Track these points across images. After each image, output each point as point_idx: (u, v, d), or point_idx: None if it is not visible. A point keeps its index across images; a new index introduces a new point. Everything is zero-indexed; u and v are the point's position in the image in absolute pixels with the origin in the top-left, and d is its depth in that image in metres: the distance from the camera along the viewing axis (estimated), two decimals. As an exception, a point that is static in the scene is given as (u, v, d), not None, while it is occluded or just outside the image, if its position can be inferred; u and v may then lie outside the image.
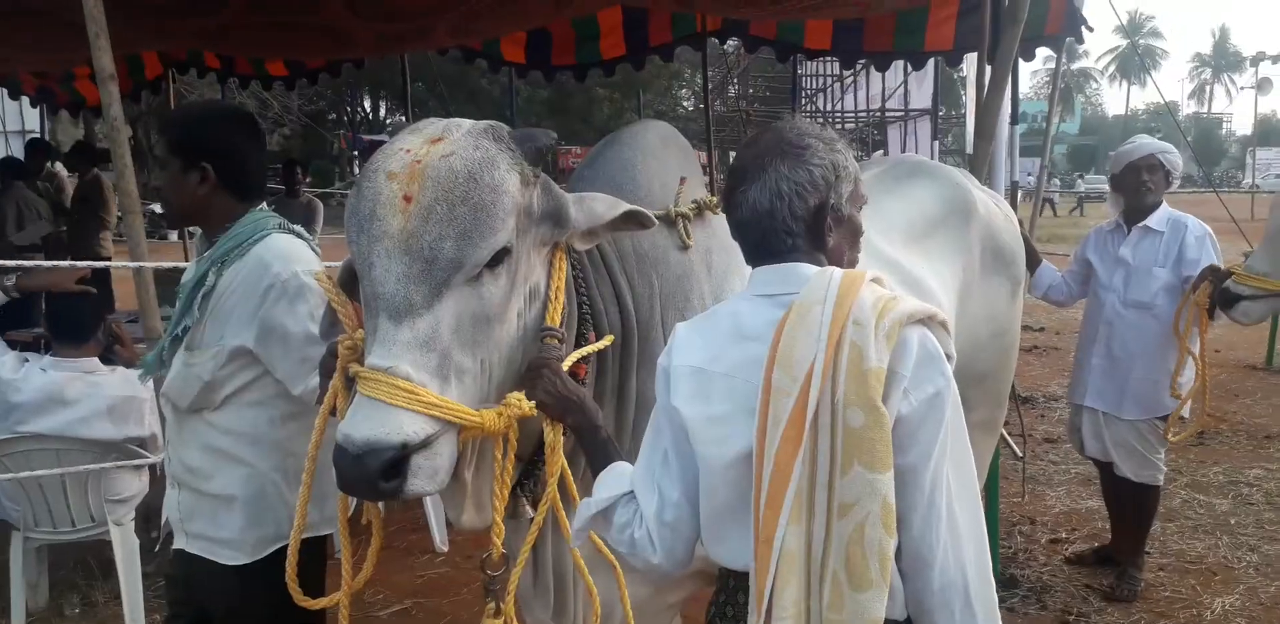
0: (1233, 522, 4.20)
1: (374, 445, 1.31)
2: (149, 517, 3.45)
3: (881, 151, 16.40)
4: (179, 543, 1.94)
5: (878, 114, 17.31)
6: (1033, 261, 3.64)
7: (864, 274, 1.28)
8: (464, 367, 1.43)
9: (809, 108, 20.72)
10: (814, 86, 20.50)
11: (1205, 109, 74.17)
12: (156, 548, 3.27)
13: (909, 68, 13.25)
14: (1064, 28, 5.49)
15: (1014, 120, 6.35)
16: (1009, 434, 5.14)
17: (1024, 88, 6.67)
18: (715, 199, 1.90)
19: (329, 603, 1.66)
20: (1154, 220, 3.36)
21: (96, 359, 3.14)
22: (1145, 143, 3.45)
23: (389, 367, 1.35)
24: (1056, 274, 3.64)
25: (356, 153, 18.84)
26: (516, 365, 1.54)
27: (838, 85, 18.55)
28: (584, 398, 1.49)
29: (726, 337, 1.31)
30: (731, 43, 6.43)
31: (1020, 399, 6.24)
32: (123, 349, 3.09)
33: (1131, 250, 3.39)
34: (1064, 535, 4.08)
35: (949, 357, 1.26)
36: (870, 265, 2.14)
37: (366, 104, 31.00)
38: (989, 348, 2.50)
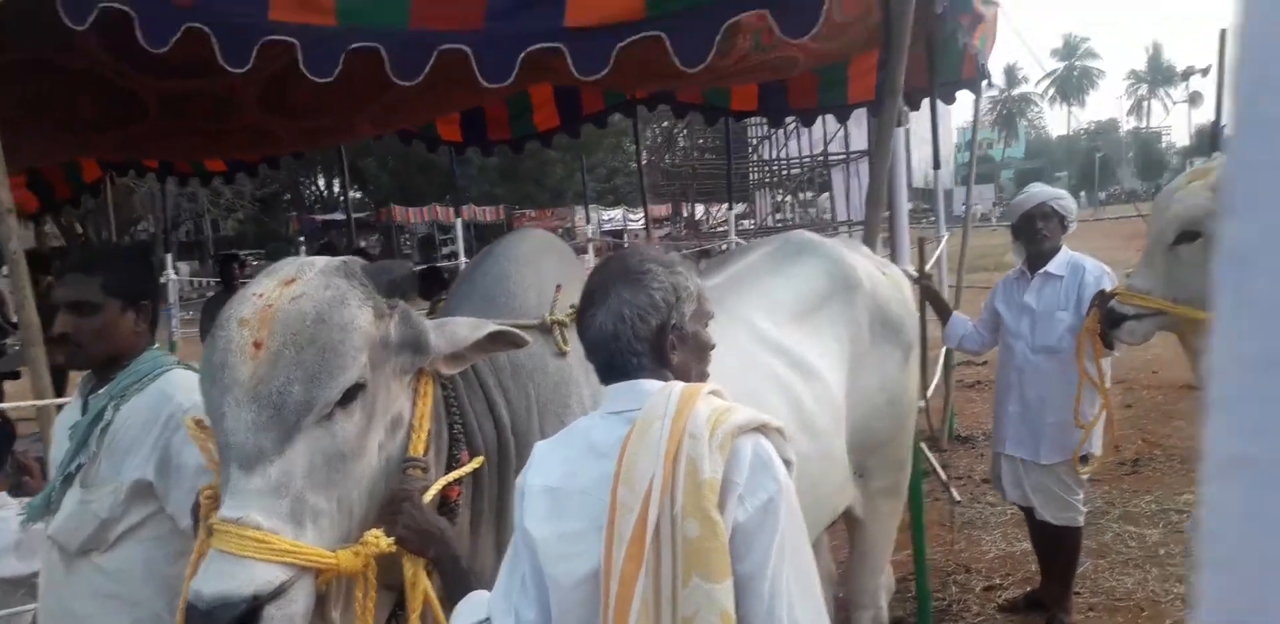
0: (1162, 552, 4.28)
1: (224, 599, 1.32)
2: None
3: (826, 193, 16.80)
4: None
5: (821, 158, 17.73)
6: (944, 313, 3.84)
7: (701, 388, 1.33)
8: (319, 508, 1.45)
9: (754, 156, 21.11)
10: (759, 134, 20.89)
11: (1144, 124, 76.15)
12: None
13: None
14: (980, 72, 5.75)
15: (936, 165, 6.57)
16: (949, 478, 5.28)
17: (967, 115, 6.86)
18: None
19: None
20: (1054, 265, 3.51)
21: (4, 493, 2.98)
22: (1037, 192, 3.60)
23: (238, 517, 1.37)
24: (968, 324, 3.78)
25: (303, 238, 18.99)
26: (379, 498, 1.56)
27: (781, 133, 18.97)
28: (444, 530, 1.54)
29: (581, 453, 1.35)
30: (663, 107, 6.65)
31: (960, 439, 6.40)
32: (32, 480, 2.87)
33: (1035, 296, 3.52)
34: (998, 581, 4.15)
35: (787, 462, 1.33)
36: (754, 349, 2.29)
37: (321, 183, 31.10)
38: (885, 415, 2.62)
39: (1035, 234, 3.53)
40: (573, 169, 25.36)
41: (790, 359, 2.33)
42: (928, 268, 4.59)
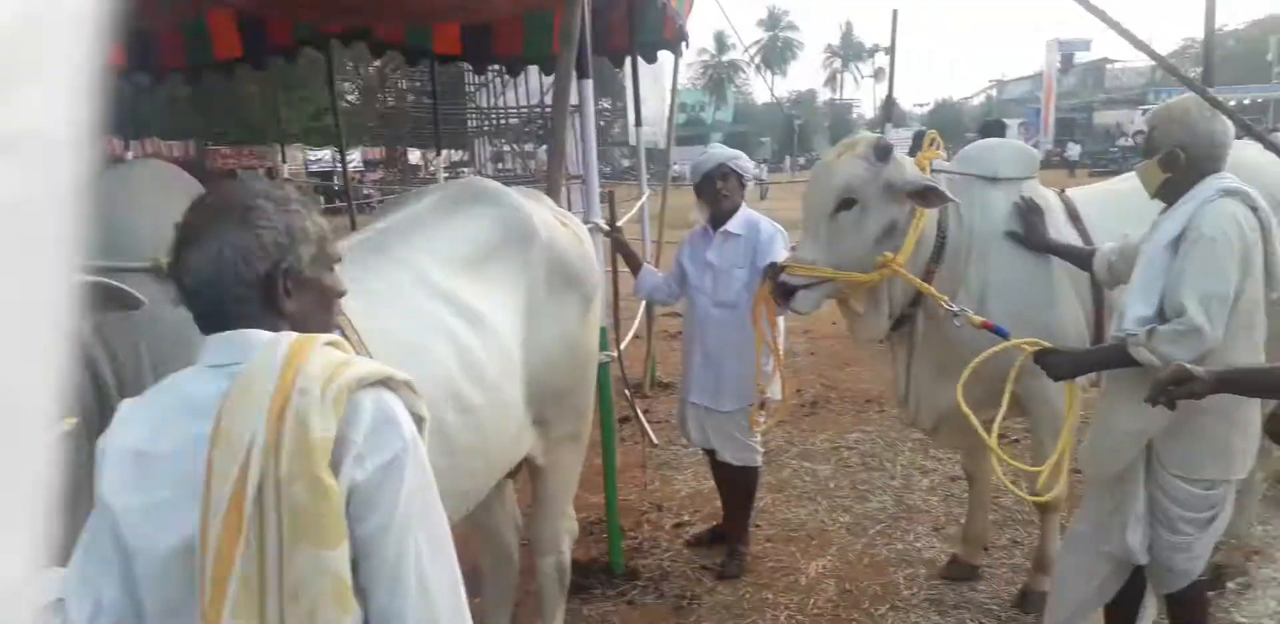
0: (832, 485, 4.70)
1: None
2: None
3: (545, 146, 16.74)
4: None
5: (539, 109, 17.62)
6: (634, 265, 3.94)
7: (316, 339, 1.22)
8: None
9: (471, 104, 20.68)
10: (476, 82, 20.44)
11: (839, 95, 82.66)
12: None
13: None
14: (678, 34, 5.89)
15: (637, 122, 6.71)
16: (648, 422, 5.49)
17: (681, 79, 7.04)
18: None
19: None
20: (733, 224, 3.67)
21: None
22: (716, 153, 3.75)
23: None
24: (657, 276, 3.91)
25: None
26: None
27: (499, 81, 18.64)
28: None
29: (172, 412, 1.21)
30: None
31: (661, 385, 6.67)
32: None
33: (716, 253, 3.68)
34: (687, 518, 4.38)
35: (420, 418, 1.27)
36: (419, 295, 2.20)
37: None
38: (565, 365, 2.61)
39: (715, 193, 3.68)
40: (274, 104, 23.59)
41: (459, 307, 2.26)
42: (621, 222, 4.70)
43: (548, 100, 16.76)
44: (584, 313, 2.71)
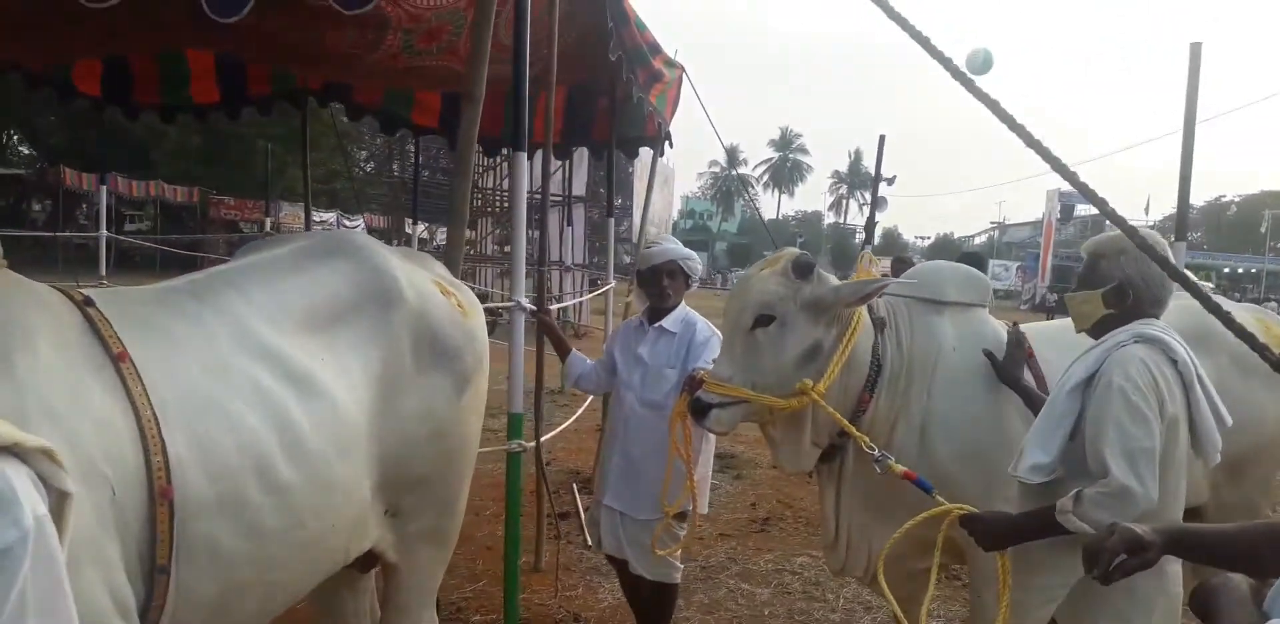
0: (767, 612, 4.32)
1: None
2: None
3: (538, 232, 16.75)
4: None
5: (537, 196, 17.71)
6: (561, 351, 3.67)
7: None
8: None
9: (480, 183, 20.85)
10: (483, 164, 20.64)
11: (842, 220, 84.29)
12: None
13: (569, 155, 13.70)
14: (660, 133, 5.81)
15: (609, 213, 6.64)
16: (586, 524, 5.10)
17: (691, 187, 7.09)
18: None
19: None
20: (669, 321, 3.45)
21: None
22: (670, 248, 3.54)
23: None
24: (587, 363, 3.65)
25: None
26: None
27: (505, 164, 18.80)
28: None
29: None
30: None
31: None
32: None
33: (649, 350, 3.44)
34: (602, 632, 3.98)
35: (64, 493, 1.03)
36: (234, 353, 1.86)
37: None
38: (428, 450, 2.29)
39: (660, 289, 3.47)
40: (285, 162, 23.73)
41: (285, 370, 1.95)
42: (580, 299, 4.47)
43: (553, 189, 16.87)
44: (458, 393, 2.38)
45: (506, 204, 20.70)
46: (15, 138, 25.92)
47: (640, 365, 3.44)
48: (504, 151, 6.82)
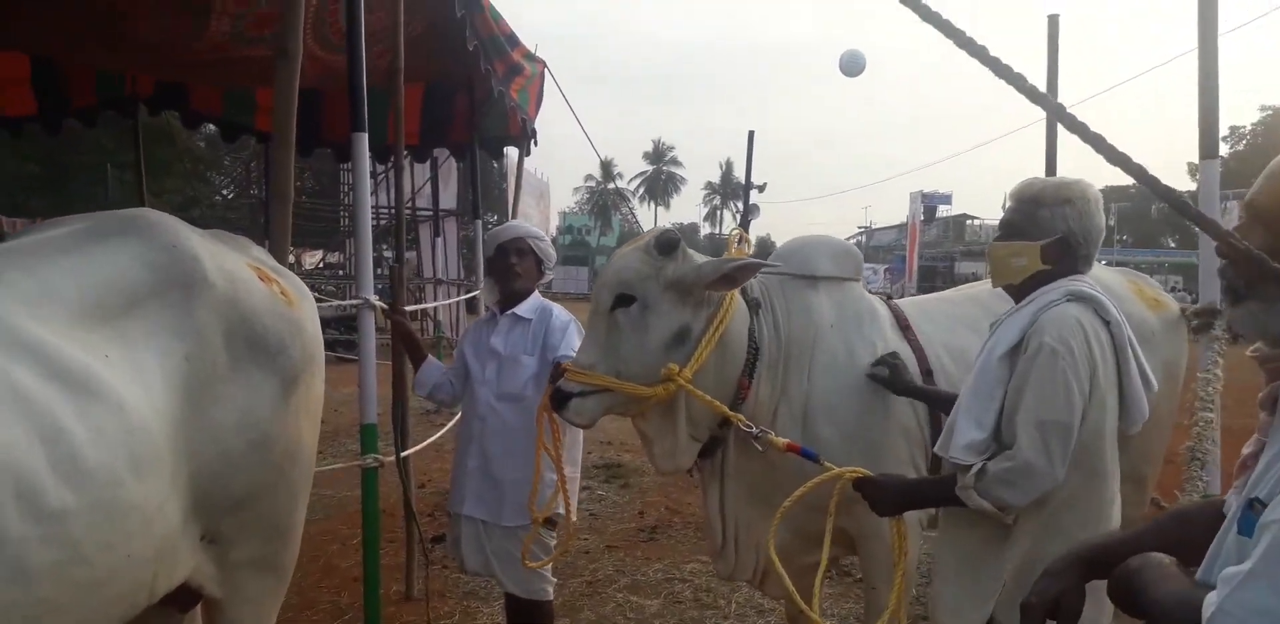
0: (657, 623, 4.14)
1: None
2: None
3: (413, 252, 16.26)
4: None
5: (407, 211, 17.24)
6: (415, 357, 3.37)
7: None
8: None
9: (346, 201, 20.26)
10: (349, 180, 20.03)
11: (718, 230, 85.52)
12: None
13: (434, 167, 13.33)
14: (524, 130, 5.61)
15: (475, 215, 6.39)
16: (448, 545, 4.81)
17: (568, 203, 6.88)
18: None
19: None
20: (523, 308, 3.22)
21: None
22: (516, 225, 3.34)
23: None
24: (442, 372, 3.34)
25: None
26: None
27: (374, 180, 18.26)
28: None
29: None
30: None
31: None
32: None
33: (502, 339, 3.20)
34: (484, 658, 3.73)
35: None
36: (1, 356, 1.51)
37: None
38: (247, 464, 1.98)
39: (508, 269, 3.24)
40: (131, 188, 22.39)
41: (53, 369, 1.60)
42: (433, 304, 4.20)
43: (421, 203, 16.41)
44: (284, 396, 2.08)
45: (376, 222, 20.17)
46: None
47: (494, 357, 3.19)
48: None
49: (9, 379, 1.51)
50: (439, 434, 5.14)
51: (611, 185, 71.86)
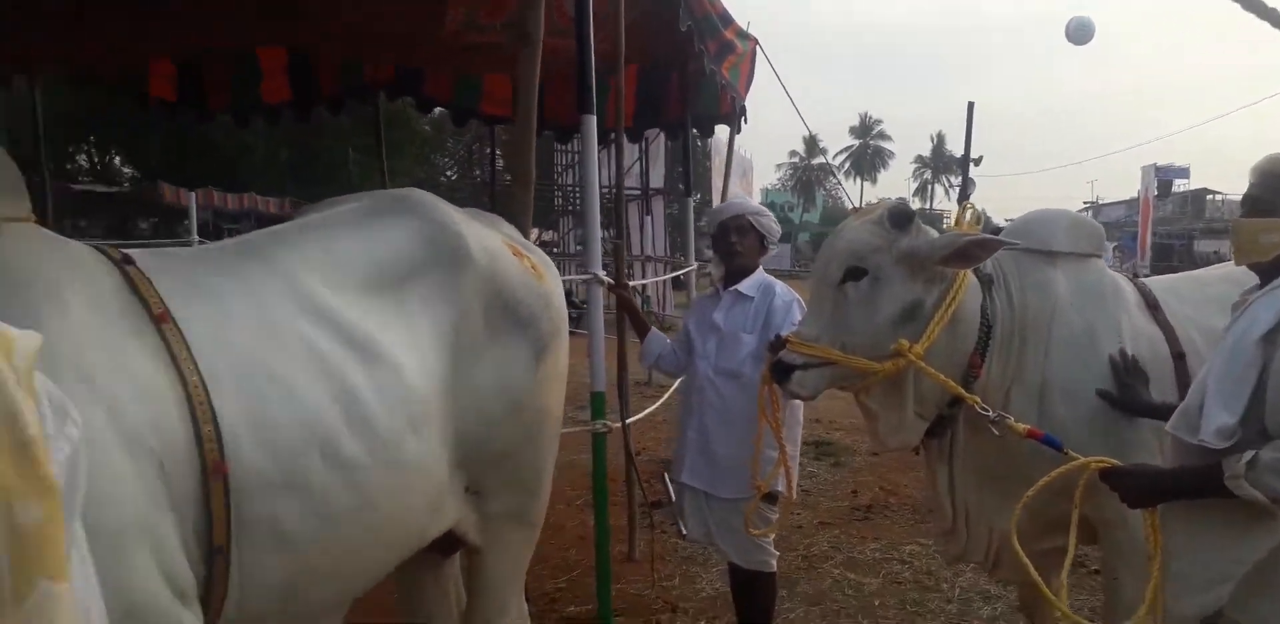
0: (877, 603, 4.07)
1: None
2: None
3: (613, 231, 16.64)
4: None
5: (614, 190, 17.61)
6: (641, 329, 3.48)
7: None
8: None
9: (560, 181, 20.98)
10: (565, 161, 20.74)
11: (929, 206, 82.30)
12: None
13: (644, 146, 13.55)
14: (735, 109, 5.62)
15: (687, 192, 6.47)
16: (676, 512, 4.94)
17: (770, 180, 6.93)
18: None
19: None
20: (745, 285, 3.23)
21: None
22: (736, 203, 3.35)
23: None
24: (666, 342, 3.44)
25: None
26: None
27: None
28: None
29: None
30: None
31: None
32: None
33: (724, 315, 3.23)
34: (704, 623, 3.81)
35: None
36: (289, 315, 1.71)
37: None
38: (506, 424, 2.13)
39: (729, 246, 3.25)
40: (371, 169, 24.20)
41: (345, 335, 1.78)
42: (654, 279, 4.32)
43: (631, 183, 16.76)
44: (535, 363, 2.21)
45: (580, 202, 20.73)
46: (117, 158, 27.03)
47: (714, 332, 3.22)
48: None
49: (312, 344, 1.70)
50: (656, 404, 5.27)
51: (816, 161, 70.56)
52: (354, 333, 1.79)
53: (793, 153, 74.29)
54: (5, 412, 0.81)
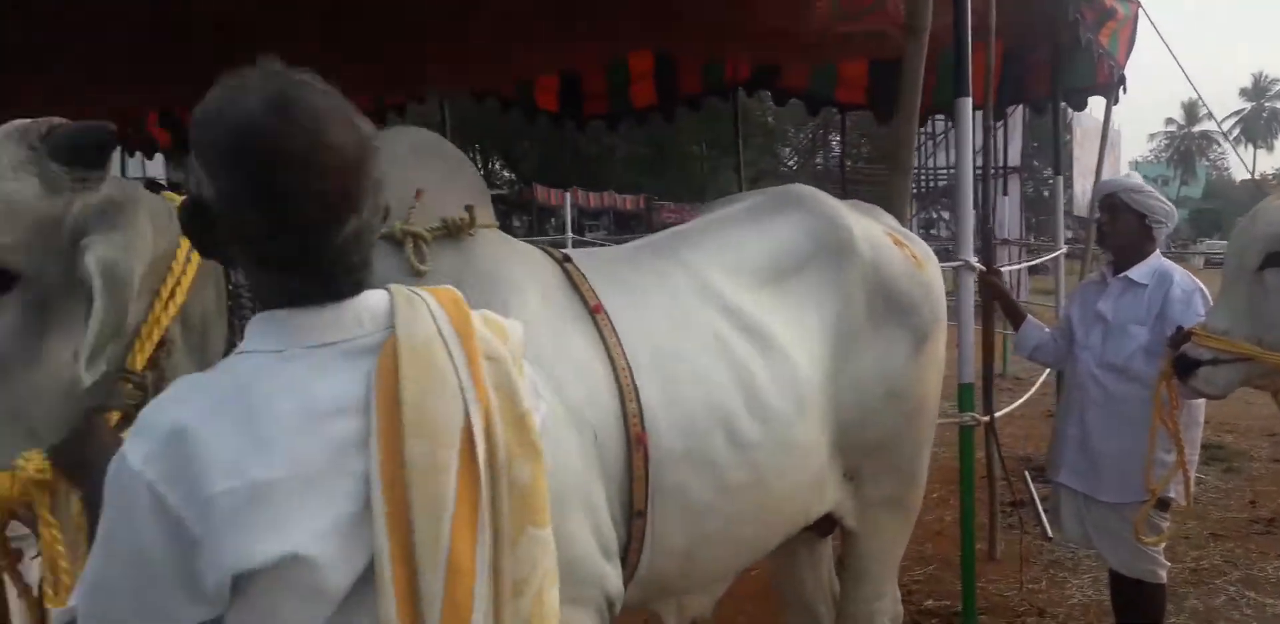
0: (1284, 628, 3.65)
1: None
2: None
3: (977, 212, 15.86)
4: None
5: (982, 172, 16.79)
6: (1015, 317, 3.32)
7: (456, 292, 1.02)
8: None
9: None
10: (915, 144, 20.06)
11: (1345, 174, 69.98)
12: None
13: (1003, 123, 12.88)
14: (1113, 78, 5.21)
15: (1056, 171, 6.07)
16: (1043, 511, 4.69)
17: (1142, 150, 6.44)
18: (470, 217, 1.67)
19: None
20: (1137, 272, 2.96)
21: None
22: (1110, 180, 3.14)
23: None
24: (1044, 331, 3.24)
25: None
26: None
27: (930, 142, 18.12)
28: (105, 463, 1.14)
29: (293, 420, 0.89)
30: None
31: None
32: None
33: (1111, 305, 2.98)
34: (1074, 631, 3.62)
35: None
36: (697, 306, 1.91)
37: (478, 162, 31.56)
38: (885, 412, 2.16)
39: (1098, 228, 3.08)
40: (720, 165, 25.09)
41: (744, 324, 1.94)
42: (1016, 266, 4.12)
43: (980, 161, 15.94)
44: (915, 352, 2.23)
45: (932, 184, 20.00)
46: (498, 164, 30.19)
47: (1099, 322, 2.99)
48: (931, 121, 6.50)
49: (717, 333, 1.89)
50: (1020, 400, 5.04)
51: (1198, 129, 62.53)
52: (751, 323, 1.94)
53: (1169, 121, 66.41)
54: (508, 388, 0.99)
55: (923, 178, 19.53)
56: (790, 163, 29.47)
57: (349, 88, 0.98)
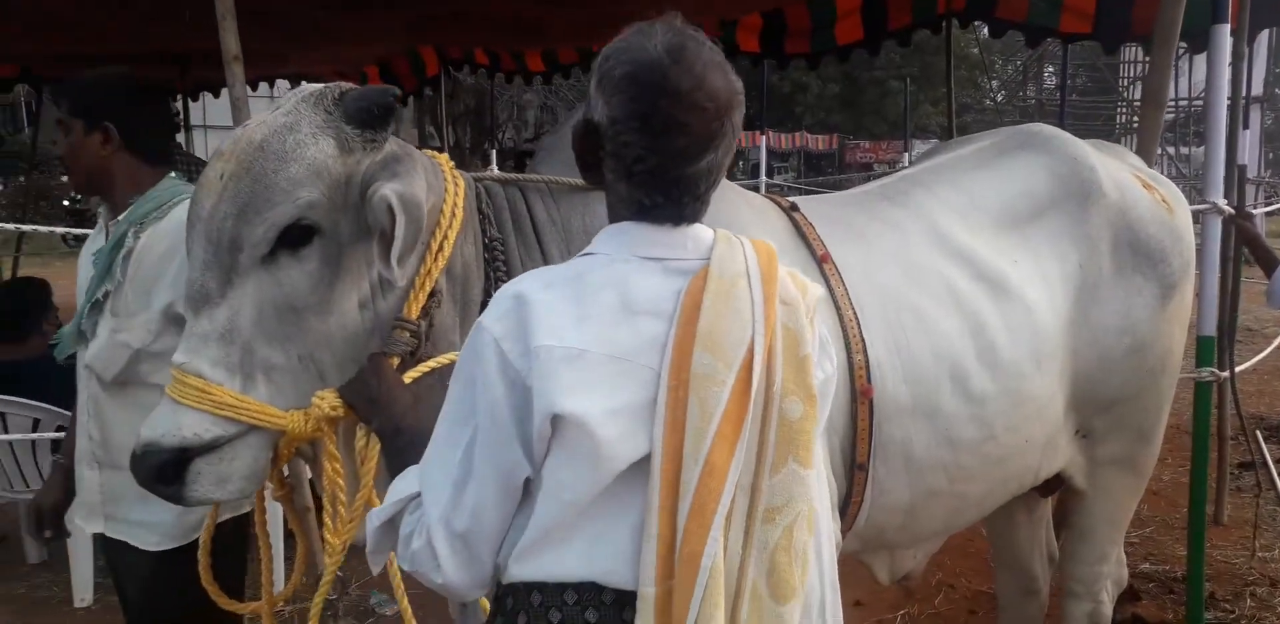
0: None
1: (150, 447, 1.30)
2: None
3: (1200, 148, 14.47)
4: (96, 527, 1.83)
5: (1199, 104, 15.28)
6: (1268, 264, 3.03)
7: (771, 246, 1.13)
8: (273, 363, 1.36)
9: (1128, 96, 18.89)
10: (1133, 74, 18.59)
11: None
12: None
13: (1247, 48, 11.63)
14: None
15: (1247, 100, 5.41)
16: (1276, 475, 4.35)
17: None
18: None
19: (248, 609, 1.64)
20: None
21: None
22: None
23: (183, 363, 1.33)
24: None
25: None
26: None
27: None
28: (393, 399, 1.32)
29: (611, 309, 1.05)
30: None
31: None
32: None
33: None
34: (1314, 603, 3.37)
35: None
36: (929, 254, 1.88)
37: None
38: (1123, 366, 2.04)
39: None
40: (917, 99, 24.05)
41: (978, 272, 1.87)
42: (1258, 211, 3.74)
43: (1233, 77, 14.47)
44: (1161, 303, 2.09)
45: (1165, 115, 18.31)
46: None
47: None
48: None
49: (949, 282, 1.84)
50: (1261, 355, 4.65)
51: None
52: (986, 270, 1.89)
53: None
54: (796, 330, 1.08)
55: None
56: (997, 97, 27.77)
57: (555, 36, 1.07)
